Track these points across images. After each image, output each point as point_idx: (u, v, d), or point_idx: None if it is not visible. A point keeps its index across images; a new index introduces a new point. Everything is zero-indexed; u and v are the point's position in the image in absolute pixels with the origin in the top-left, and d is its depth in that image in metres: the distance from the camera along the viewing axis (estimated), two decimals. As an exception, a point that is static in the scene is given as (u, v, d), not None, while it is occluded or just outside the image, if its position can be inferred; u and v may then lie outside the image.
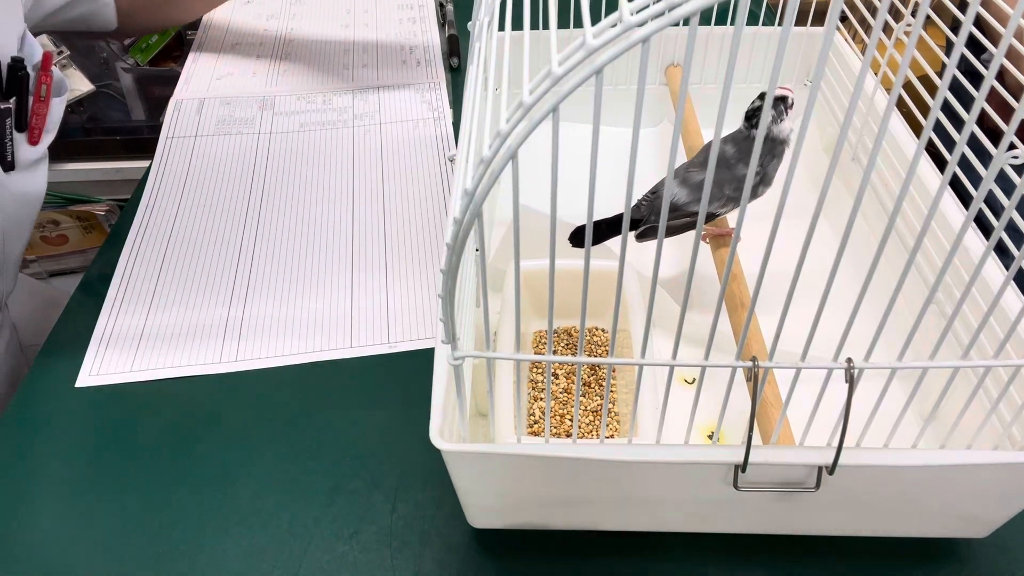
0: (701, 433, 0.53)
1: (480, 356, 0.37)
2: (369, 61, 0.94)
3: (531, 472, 0.41)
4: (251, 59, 0.97)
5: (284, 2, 1.09)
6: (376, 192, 0.75)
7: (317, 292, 0.65)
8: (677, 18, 0.24)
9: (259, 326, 0.62)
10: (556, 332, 0.60)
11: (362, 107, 0.87)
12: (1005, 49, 0.26)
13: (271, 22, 1.04)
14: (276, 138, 0.82)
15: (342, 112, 0.86)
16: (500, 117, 0.27)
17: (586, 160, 0.28)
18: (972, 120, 0.28)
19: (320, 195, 0.75)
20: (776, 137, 0.54)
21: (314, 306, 0.64)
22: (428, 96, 0.88)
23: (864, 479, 0.40)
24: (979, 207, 0.30)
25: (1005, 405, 0.45)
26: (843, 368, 0.35)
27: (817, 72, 0.26)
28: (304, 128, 0.84)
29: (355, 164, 0.78)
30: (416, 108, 0.86)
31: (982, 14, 0.50)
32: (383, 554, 0.47)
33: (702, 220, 0.30)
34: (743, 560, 0.47)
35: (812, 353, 0.35)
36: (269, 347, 0.60)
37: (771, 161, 0.55)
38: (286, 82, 0.92)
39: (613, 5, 0.25)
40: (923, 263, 0.57)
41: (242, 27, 1.01)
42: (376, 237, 0.70)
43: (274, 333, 0.62)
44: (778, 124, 0.54)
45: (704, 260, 0.59)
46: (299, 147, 0.81)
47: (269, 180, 0.77)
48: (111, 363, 0.60)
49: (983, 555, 0.47)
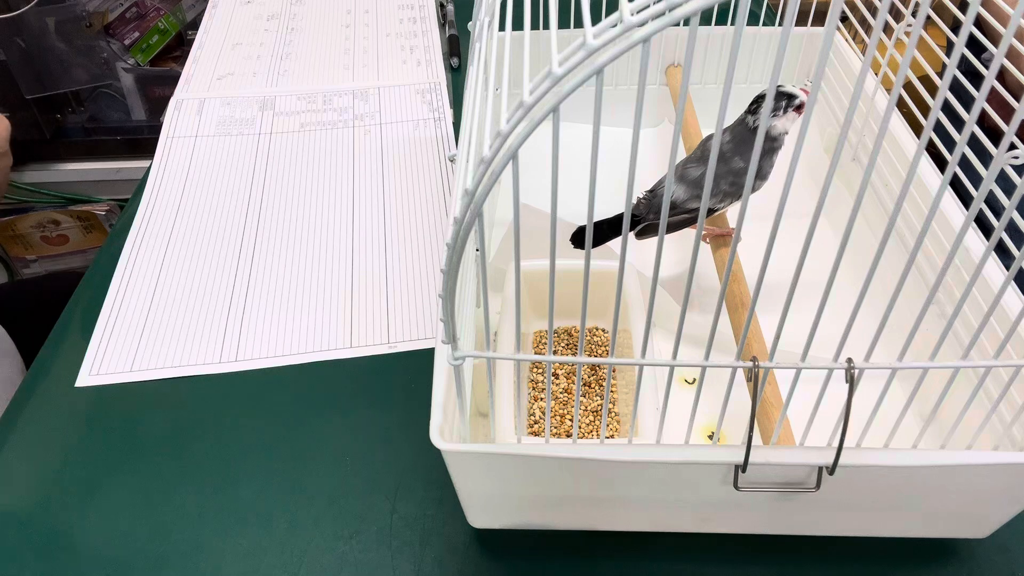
0: (701, 433, 0.53)
1: (480, 356, 0.37)
2: (369, 61, 0.94)
3: (531, 472, 0.41)
4: (251, 59, 0.97)
5: (285, 2, 1.09)
6: (376, 192, 0.75)
7: (317, 292, 0.65)
8: (677, 18, 0.24)
9: (259, 326, 0.62)
10: (556, 332, 0.60)
11: (362, 107, 0.87)
12: (1005, 49, 0.26)
13: (271, 22, 1.04)
14: (276, 138, 0.82)
15: (342, 112, 0.86)
16: (500, 117, 0.27)
17: (586, 160, 0.28)
18: (972, 120, 0.28)
19: (320, 195, 0.75)
20: (771, 134, 0.54)
21: (314, 305, 0.64)
22: (428, 97, 0.88)
23: (864, 479, 0.40)
24: (979, 207, 0.30)
25: (1005, 405, 0.45)
26: (843, 368, 0.35)
27: (817, 72, 0.26)
28: (304, 128, 0.84)
29: (355, 164, 0.78)
30: (416, 108, 0.86)
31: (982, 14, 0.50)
32: (383, 554, 0.47)
33: (703, 217, 0.30)
34: (743, 560, 0.47)
35: (812, 353, 0.35)
36: (269, 347, 0.61)
37: (766, 156, 0.55)
38: (286, 82, 0.92)
39: (613, 5, 0.24)
40: (923, 263, 0.57)
41: (243, 27, 1.01)
42: (376, 237, 0.70)
43: (274, 333, 0.62)
44: (778, 118, 0.54)
45: (704, 260, 0.59)
46: (299, 147, 0.81)
47: (269, 180, 0.77)
48: (111, 363, 0.60)
49: (983, 555, 0.47)
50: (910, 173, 0.28)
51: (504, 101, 0.29)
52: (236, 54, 0.98)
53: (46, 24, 1.18)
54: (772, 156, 0.55)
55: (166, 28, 1.28)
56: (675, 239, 0.59)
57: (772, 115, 0.54)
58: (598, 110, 0.26)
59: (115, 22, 1.25)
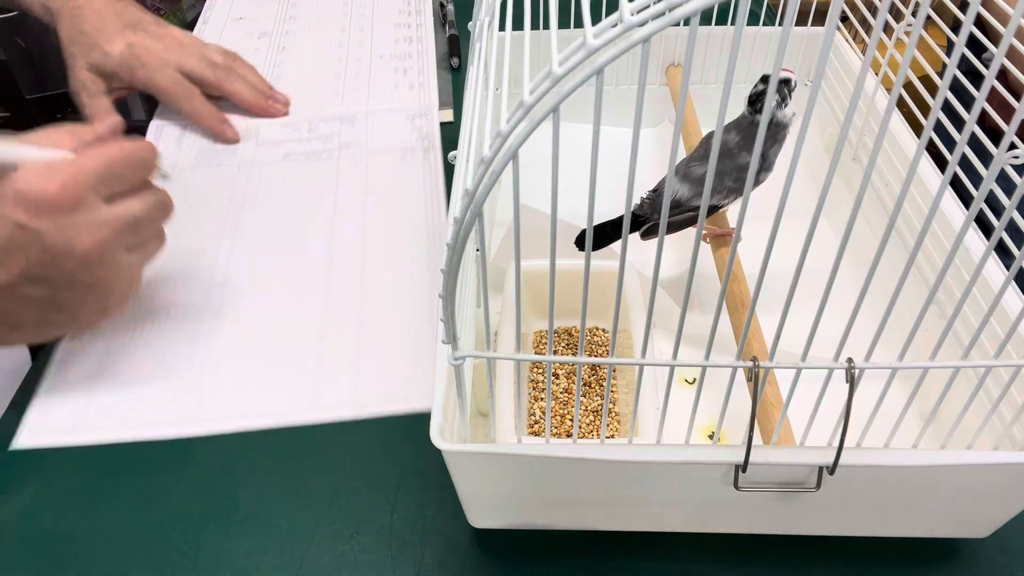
0: (701, 433, 0.53)
1: (480, 356, 0.37)
2: (360, 85, 0.89)
3: (531, 472, 0.41)
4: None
5: (278, 19, 1.03)
6: (357, 235, 0.69)
7: (283, 353, 0.59)
8: (677, 18, 0.24)
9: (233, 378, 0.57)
10: (556, 332, 0.60)
11: (349, 134, 0.81)
12: (1005, 49, 0.26)
13: (263, 40, 0.98)
14: (257, 170, 0.77)
15: (327, 141, 0.80)
16: (500, 117, 0.27)
17: (587, 160, 0.28)
18: (972, 120, 0.28)
19: (299, 233, 0.69)
20: (780, 121, 0.54)
21: (281, 362, 0.58)
22: (419, 123, 0.83)
23: (865, 479, 0.40)
24: (979, 207, 0.30)
25: (1006, 405, 0.45)
26: (843, 368, 0.35)
27: (817, 72, 0.26)
28: (288, 159, 0.78)
29: (336, 204, 0.72)
30: (405, 135, 0.81)
31: (982, 14, 0.50)
32: (383, 554, 0.47)
33: (704, 215, 0.30)
34: (743, 560, 0.47)
35: (813, 353, 0.35)
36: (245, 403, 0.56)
37: (772, 146, 0.54)
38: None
39: (613, 5, 0.24)
40: (923, 263, 0.57)
41: (232, 45, 0.92)
42: (352, 286, 0.64)
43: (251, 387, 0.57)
44: (781, 109, 0.54)
45: (704, 260, 0.59)
46: (280, 180, 0.75)
47: (245, 217, 0.71)
48: (57, 419, 0.54)
49: (983, 555, 0.47)
50: (910, 173, 0.28)
51: (504, 101, 0.29)
52: None
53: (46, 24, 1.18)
54: (779, 145, 0.55)
55: (166, 28, 1.28)
56: (675, 239, 0.59)
57: (776, 107, 0.53)
58: (598, 110, 0.26)
59: (115, 22, 1.25)
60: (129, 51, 0.77)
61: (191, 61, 0.80)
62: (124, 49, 0.77)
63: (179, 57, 0.79)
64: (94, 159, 0.50)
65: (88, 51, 0.77)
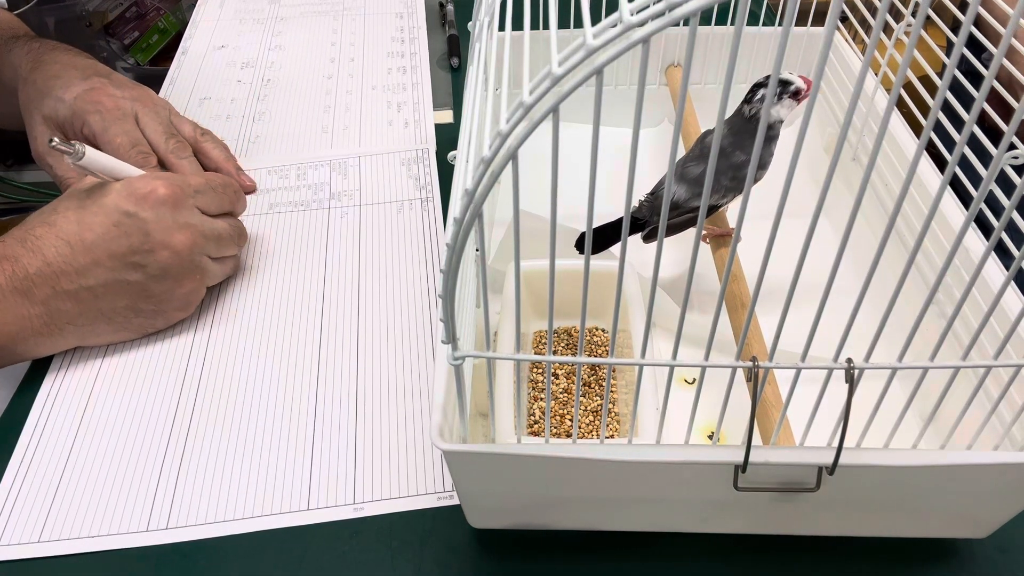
0: (701, 433, 0.53)
1: (480, 356, 0.37)
2: (351, 122, 0.83)
3: (531, 472, 0.41)
4: (220, 120, 0.84)
5: (262, 48, 0.96)
6: (351, 295, 0.64)
7: (278, 441, 0.54)
8: (677, 18, 0.24)
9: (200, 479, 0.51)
10: (556, 332, 0.60)
11: (340, 183, 0.75)
12: (1005, 49, 0.26)
13: (246, 71, 0.91)
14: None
15: (317, 190, 0.74)
16: (500, 117, 0.27)
17: (586, 160, 0.28)
18: (972, 120, 0.28)
19: (286, 298, 0.63)
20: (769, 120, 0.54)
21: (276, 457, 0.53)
22: (415, 169, 0.76)
23: (864, 479, 0.40)
24: (979, 207, 0.30)
25: (1006, 406, 0.45)
26: (843, 368, 0.35)
27: (817, 72, 0.26)
28: (274, 209, 0.72)
29: (328, 263, 0.66)
30: (401, 184, 0.74)
31: (982, 14, 0.50)
32: (383, 554, 0.47)
33: (703, 215, 0.30)
34: (743, 560, 0.47)
35: (812, 353, 0.35)
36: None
37: (766, 145, 0.55)
38: (257, 151, 0.79)
39: (613, 5, 0.24)
40: (923, 263, 0.57)
41: (213, 76, 0.86)
42: (346, 361, 0.58)
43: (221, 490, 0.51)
44: (774, 106, 0.54)
45: (704, 260, 0.59)
46: (265, 234, 0.69)
47: (224, 290, 0.64)
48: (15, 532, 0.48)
49: (983, 555, 0.47)
50: (910, 173, 0.28)
51: (504, 101, 0.29)
52: (203, 112, 0.85)
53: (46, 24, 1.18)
54: (771, 145, 0.55)
55: (166, 28, 1.28)
56: (675, 239, 0.59)
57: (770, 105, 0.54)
58: (598, 110, 0.26)
59: (115, 22, 1.25)
60: (85, 95, 0.66)
61: (153, 122, 0.68)
62: (80, 93, 0.66)
63: (142, 111, 0.68)
64: (196, 177, 0.60)
65: (42, 102, 0.67)
